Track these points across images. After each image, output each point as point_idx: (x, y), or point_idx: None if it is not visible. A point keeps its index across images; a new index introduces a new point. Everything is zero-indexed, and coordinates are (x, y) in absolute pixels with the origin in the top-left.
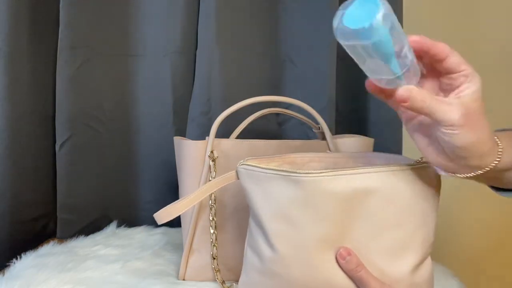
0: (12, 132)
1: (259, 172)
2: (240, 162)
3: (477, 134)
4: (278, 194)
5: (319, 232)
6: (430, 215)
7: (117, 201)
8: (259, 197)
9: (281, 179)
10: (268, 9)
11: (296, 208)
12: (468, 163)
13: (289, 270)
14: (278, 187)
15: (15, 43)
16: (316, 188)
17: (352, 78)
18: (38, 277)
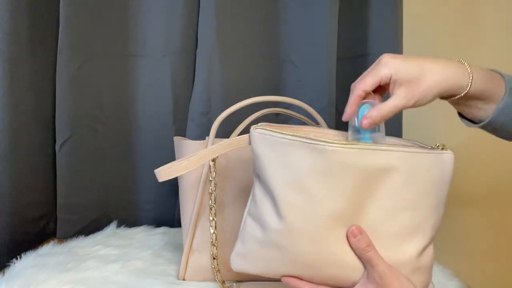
0: (12, 132)
1: (279, 138)
2: (255, 126)
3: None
4: (297, 162)
5: (334, 206)
6: (442, 200)
7: (117, 201)
8: (273, 164)
9: (303, 147)
10: (268, 9)
11: (314, 178)
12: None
13: (296, 243)
14: (298, 155)
15: (15, 43)
16: (340, 160)
17: (352, 78)
18: (38, 277)
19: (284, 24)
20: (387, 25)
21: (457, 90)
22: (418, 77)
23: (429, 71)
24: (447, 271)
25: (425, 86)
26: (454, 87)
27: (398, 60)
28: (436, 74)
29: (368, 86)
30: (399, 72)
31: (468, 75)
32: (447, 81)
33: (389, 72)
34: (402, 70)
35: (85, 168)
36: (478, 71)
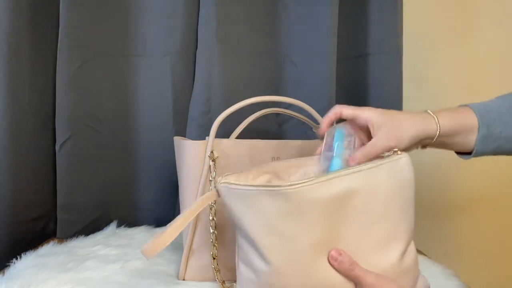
0: (12, 132)
1: (241, 189)
2: (219, 181)
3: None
4: (264, 209)
5: (311, 239)
6: (408, 202)
7: (117, 201)
8: (246, 214)
9: (265, 194)
10: (268, 9)
11: (285, 220)
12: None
13: (286, 280)
14: (264, 202)
15: (15, 43)
16: (302, 198)
17: (352, 78)
18: (38, 277)
19: (284, 24)
20: (387, 25)
21: (429, 134)
22: (393, 122)
23: (402, 119)
24: (447, 271)
25: (400, 129)
26: (425, 131)
27: (380, 110)
28: (408, 121)
29: (348, 110)
30: (379, 117)
31: (434, 120)
32: (417, 126)
33: (370, 115)
34: (380, 116)
35: (85, 168)
36: (444, 114)
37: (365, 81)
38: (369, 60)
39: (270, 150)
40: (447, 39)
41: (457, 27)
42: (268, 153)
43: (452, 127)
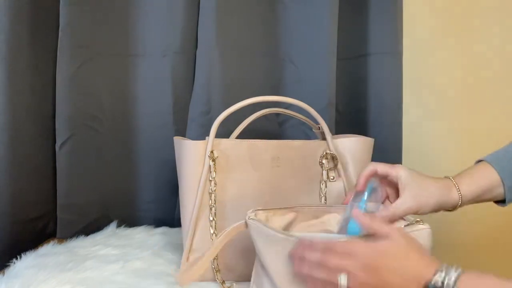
0: (12, 131)
1: (269, 232)
2: (249, 215)
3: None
4: (286, 255)
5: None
6: None
7: (117, 201)
8: (269, 254)
9: (287, 242)
10: (268, 10)
11: None
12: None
13: None
14: (286, 248)
15: (15, 43)
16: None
17: (352, 78)
18: (38, 277)
19: (284, 24)
20: (387, 25)
21: (451, 203)
22: (421, 185)
23: (429, 184)
24: None
25: (426, 194)
26: (448, 201)
27: (410, 171)
28: (433, 187)
29: (380, 166)
30: (408, 178)
31: (455, 188)
32: (441, 194)
33: (400, 173)
34: (410, 178)
35: (85, 168)
36: (464, 180)
37: (365, 81)
38: (369, 60)
39: (270, 150)
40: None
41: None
42: (268, 153)
43: (473, 192)
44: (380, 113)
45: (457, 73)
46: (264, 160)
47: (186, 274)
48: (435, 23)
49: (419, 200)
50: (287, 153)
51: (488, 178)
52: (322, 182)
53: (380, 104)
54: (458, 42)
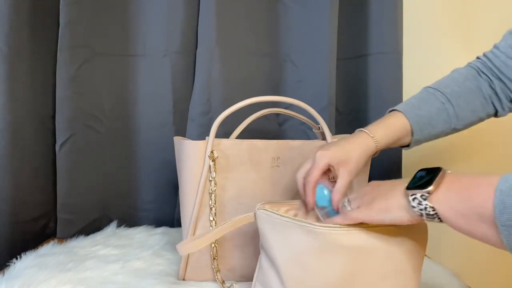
0: (12, 132)
1: (279, 219)
2: (258, 206)
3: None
4: (295, 240)
5: (330, 277)
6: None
7: (117, 201)
8: (278, 241)
9: (299, 228)
10: (268, 10)
11: (311, 255)
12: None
13: None
14: (296, 234)
15: (15, 43)
16: (330, 240)
17: (352, 78)
18: (38, 277)
19: (284, 24)
20: (387, 25)
21: (371, 151)
22: (346, 158)
23: (350, 151)
24: (447, 271)
25: (353, 162)
26: (369, 152)
27: (328, 151)
28: (356, 151)
29: (317, 177)
30: (334, 159)
31: (372, 140)
32: (363, 151)
33: (326, 163)
34: (335, 157)
35: (85, 168)
36: (380, 131)
37: (365, 81)
38: (369, 60)
39: (270, 150)
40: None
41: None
42: (268, 153)
43: (388, 139)
44: (380, 113)
45: None
46: (264, 160)
47: (187, 244)
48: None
49: (349, 172)
50: (287, 153)
51: (402, 130)
52: None
53: (380, 104)
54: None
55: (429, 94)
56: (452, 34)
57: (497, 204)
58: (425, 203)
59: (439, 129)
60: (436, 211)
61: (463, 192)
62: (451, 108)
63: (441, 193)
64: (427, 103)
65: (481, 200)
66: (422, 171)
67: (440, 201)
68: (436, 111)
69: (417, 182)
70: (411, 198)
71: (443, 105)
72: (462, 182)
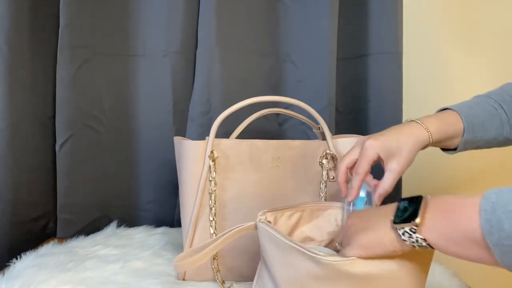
0: (12, 132)
1: (280, 239)
2: (259, 218)
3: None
4: (297, 264)
5: None
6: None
7: (117, 201)
8: (278, 259)
9: (301, 254)
10: (268, 9)
11: (312, 280)
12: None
13: None
14: (298, 259)
15: (15, 43)
16: (334, 269)
17: (352, 78)
18: (38, 277)
19: (284, 24)
20: (387, 25)
21: (424, 144)
22: (398, 149)
23: (403, 143)
24: (447, 271)
25: (405, 154)
26: (422, 144)
27: (378, 141)
28: (409, 142)
29: (367, 169)
30: (384, 150)
31: (426, 132)
32: (417, 143)
33: (376, 153)
34: (385, 147)
35: (85, 168)
36: (434, 123)
37: (365, 81)
38: (369, 60)
39: (270, 150)
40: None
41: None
42: (268, 153)
43: (441, 133)
44: (380, 113)
45: (457, 73)
46: (264, 160)
47: (184, 261)
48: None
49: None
50: (287, 153)
51: (454, 126)
52: (322, 182)
53: (380, 104)
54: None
55: (481, 99)
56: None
57: (484, 225)
58: (416, 236)
59: (492, 134)
60: (428, 241)
61: (449, 217)
62: (504, 115)
63: (428, 222)
64: (479, 105)
65: (468, 224)
66: (404, 201)
67: (429, 230)
68: (489, 114)
69: (402, 214)
70: (400, 232)
71: (496, 110)
72: (446, 207)
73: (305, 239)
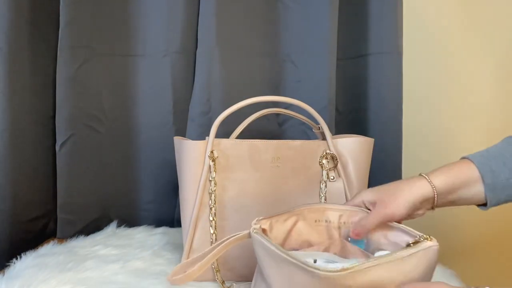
0: (12, 132)
1: (274, 250)
2: (253, 227)
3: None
4: (292, 275)
5: None
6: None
7: (117, 201)
8: (273, 270)
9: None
10: (268, 9)
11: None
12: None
13: None
14: (293, 272)
15: (15, 43)
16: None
17: (352, 78)
18: (38, 277)
19: (284, 24)
20: (387, 25)
21: (426, 196)
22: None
23: (399, 190)
24: (447, 271)
25: (395, 203)
26: (421, 194)
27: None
28: (405, 189)
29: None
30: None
31: (426, 180)
32: (411, 191)
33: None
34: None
35: (85, 168)
36: (438, 172)
37: (365, 81)
38: (369, 60)
39: (270, 150)
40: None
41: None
42: (268, 153)
43: (448, 183)
44: (380, 113)
45: (457, 72)
46: (264, 160)
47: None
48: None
49: (388, 205)
50: (287, 153)
51: (465, 172)
52: (322, 182)
53: (380, 104)
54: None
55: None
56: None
57: None
58: None
59: None
60: None
61: None
62: None
63: None
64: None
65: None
66: None
67: None
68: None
69: None
70: None
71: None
72: None
73: (303, 243)
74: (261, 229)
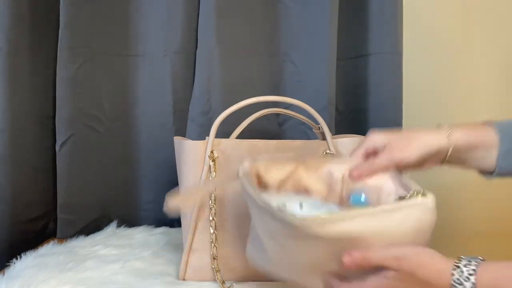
0: (12, 132)
1: (252, 196)
2: (242, 167)
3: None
4: (272, 224)
5: (308, 260)
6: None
7: (117, 201)
8: (255, 213)
9: (271, 215)
10: (268, 9)
11: (288, 239)
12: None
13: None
14: (268, 218)
15: (15, 43)
16: (309, 231)
17: (352, 78)
18: (38, 277)
19: (284, 24)
20: (387, 25)
21: (441, 147)
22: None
23: (411, 133)
24: None
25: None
26: (437, 144)
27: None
28: (418, 134)
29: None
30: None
31: (447, 132)
32: (427, 139)
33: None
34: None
35: (85, 168)
36: (459, 127)
37: (365, 81)
38: (369, 60)
39: (270, 150)
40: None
41: (458, 26)
42: (268, 153)
43: (467, 141)
44: (380, 113)
45: (458, 72)
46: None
47: (174, 199)
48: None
49: (399, 148)
50: (287, 153)
51: (486, 134)
52: None
53: (380, 104)
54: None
55: None
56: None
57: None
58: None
59: None
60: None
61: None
62: None
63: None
64: None
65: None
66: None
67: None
68: None
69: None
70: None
71: None
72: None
73: (300, 190)
74: (252, 169)
